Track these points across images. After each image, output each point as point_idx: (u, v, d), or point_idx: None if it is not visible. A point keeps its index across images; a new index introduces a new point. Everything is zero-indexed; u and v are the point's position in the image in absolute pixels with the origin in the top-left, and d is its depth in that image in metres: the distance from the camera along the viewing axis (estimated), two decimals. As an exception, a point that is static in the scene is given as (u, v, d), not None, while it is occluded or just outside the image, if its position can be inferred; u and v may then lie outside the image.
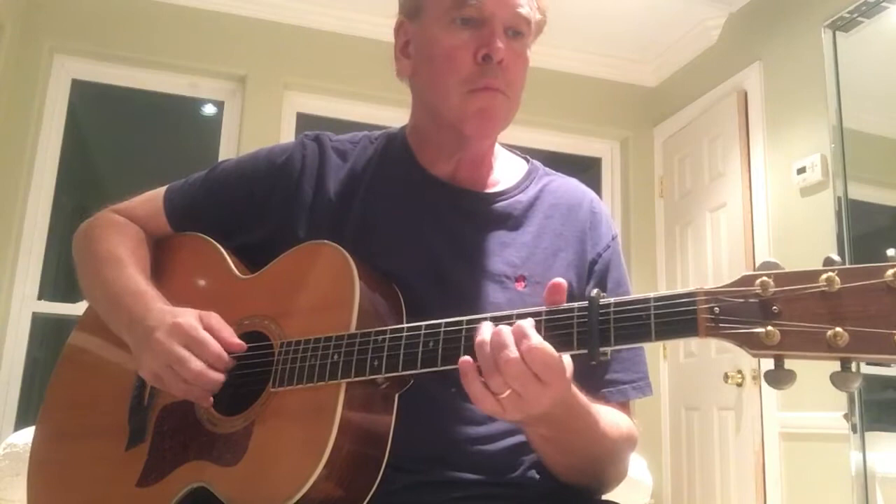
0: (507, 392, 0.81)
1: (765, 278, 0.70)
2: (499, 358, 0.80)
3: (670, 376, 3.97)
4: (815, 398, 2.96)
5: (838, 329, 0.65)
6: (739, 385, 3.40)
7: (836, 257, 0.67)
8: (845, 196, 2.97)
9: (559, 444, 0.95)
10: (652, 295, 0.78)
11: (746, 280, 0.72)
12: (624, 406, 1.09)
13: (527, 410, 0.82)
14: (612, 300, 0.81)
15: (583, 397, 0.92)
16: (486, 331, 0.83)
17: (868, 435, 2.78)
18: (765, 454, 3.25)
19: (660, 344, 3.95)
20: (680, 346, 3.89)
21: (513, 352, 0.79)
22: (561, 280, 0.87)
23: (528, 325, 0.81)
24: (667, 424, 3.96)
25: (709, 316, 0.73)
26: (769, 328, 0.69)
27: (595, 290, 0.83)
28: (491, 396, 0.81)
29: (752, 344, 0.70)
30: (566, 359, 0.83)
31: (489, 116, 1.08)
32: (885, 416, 2.96)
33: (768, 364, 0.71)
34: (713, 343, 3.60)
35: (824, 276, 0.68)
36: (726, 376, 3.44)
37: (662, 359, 3.99)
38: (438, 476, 1.01)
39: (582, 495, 1.03)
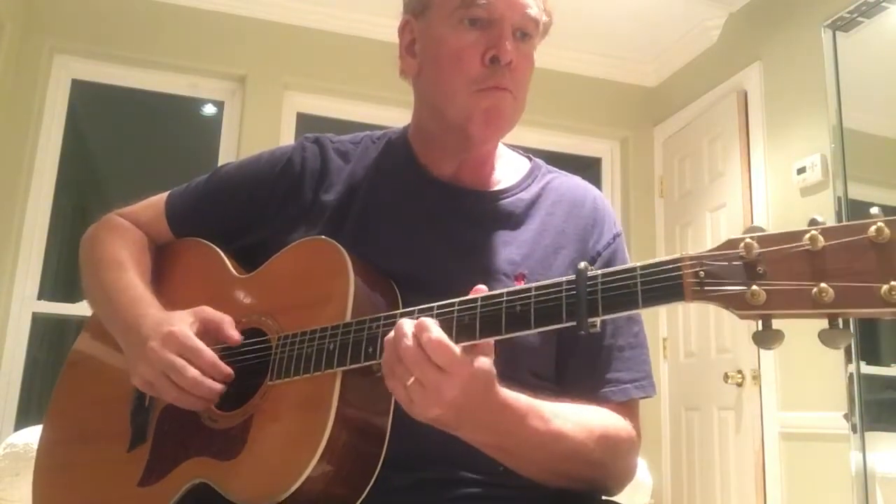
0: (412, 380, 0.83)
1: (749, 240, 0.70)
2: (399, 346, 0.83)
3: (670, 376, 3.95)
4: (815, 398, 2.95)
5: (823, 285, 0.65)
6: (739, 385, 3.39)
7: (820, 218, 0.67)
8: (845, 196, 2.96)
9: (506, 452, 0.94)
10: (638, 264, 0.79)
11: (731, 243, 0.72)
12: (626, 406, 1.06)
13: (433, 400, 0.83)
14: (599, 272, 0.81)
15: (526, 400, 0.92)
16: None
17: (868, 435, 2.76)
18: (765, 454, 3.23)
19: (660, 343, 3.94)
20: (680, 345, 3.89)
21: (410, 340, 0.82)
22: (482, 287, 0.89)
23: (429, 321, 0.84)
24: (667, 424, 3.94)
25: (694, 280, 0.73)
26: (754, 288, 0.69)
27: (583, 263, 0.83)
28: (400, 385, 0.84)
29: (738, 305, 0.70)
30: (484, 360, 0.85)
31: (496, 116, 1.07)
32: (885, 416, 2.94)
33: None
34: (713, 343, 3.60)
35: (808, 235, 0.68)
36: (726, 376, 3.43)
37: (662, 359, 3.98)
38: (439, 475, 1.00)
39: (583, 496, 1.01)
